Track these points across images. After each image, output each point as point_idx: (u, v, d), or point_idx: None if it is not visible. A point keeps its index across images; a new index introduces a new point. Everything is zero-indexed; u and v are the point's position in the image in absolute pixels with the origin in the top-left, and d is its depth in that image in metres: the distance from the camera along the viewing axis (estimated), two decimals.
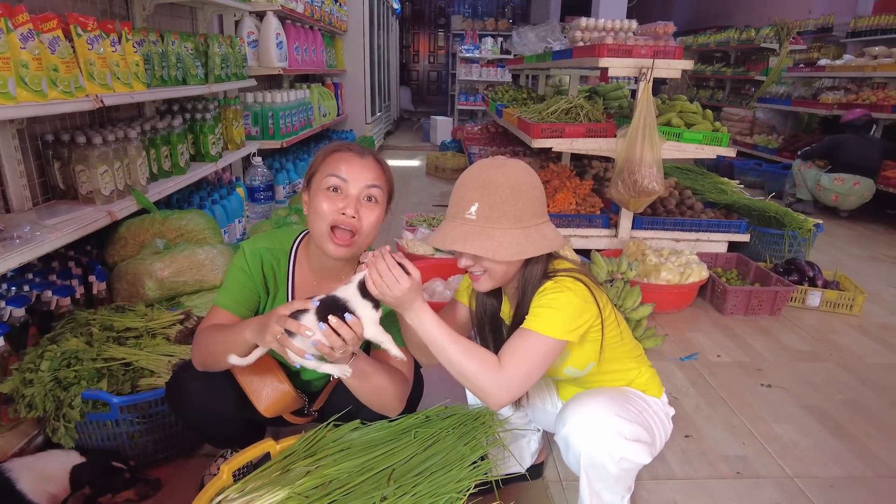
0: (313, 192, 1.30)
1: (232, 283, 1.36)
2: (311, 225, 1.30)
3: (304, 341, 1.11)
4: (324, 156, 1.31)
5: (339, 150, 1.31)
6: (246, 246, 1.38)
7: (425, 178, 6.58)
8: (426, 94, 15.42)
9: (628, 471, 1.30)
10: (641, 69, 3.08)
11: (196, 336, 1.33)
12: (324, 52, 5.57)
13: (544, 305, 1.21)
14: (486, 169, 1.22)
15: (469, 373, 1.17)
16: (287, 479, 1.21)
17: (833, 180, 5.03)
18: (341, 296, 1.15)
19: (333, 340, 1.10)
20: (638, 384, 1.41)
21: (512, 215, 1.18)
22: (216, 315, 1.35)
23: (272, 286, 1.40)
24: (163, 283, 2.13)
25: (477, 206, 1.18)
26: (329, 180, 1.26)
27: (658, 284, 2.96)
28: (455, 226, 1.21)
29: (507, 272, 1.25)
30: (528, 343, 1.19)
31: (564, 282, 1.23)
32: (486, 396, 1.18)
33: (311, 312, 1.12)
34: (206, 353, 1.29)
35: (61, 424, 1.54)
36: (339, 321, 1.10)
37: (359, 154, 1.31)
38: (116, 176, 2.21)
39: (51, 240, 1.74)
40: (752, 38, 8.84)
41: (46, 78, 1.74)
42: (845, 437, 2.05)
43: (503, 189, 1.18)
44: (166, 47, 2.61)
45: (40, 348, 1.65)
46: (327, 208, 1.25)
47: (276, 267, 1.39)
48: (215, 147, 3.13)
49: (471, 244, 1.18)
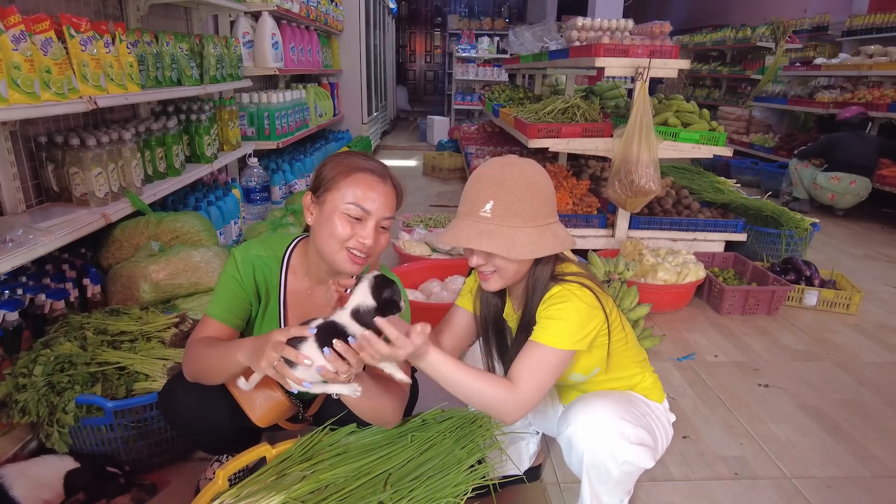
0: (329, 210, 1.22)
1: (223, 291, 1.33)
2: (322, 241, 1.24)
3: (306, 370, 1.08)
4: (344, 173, 1.22)
5: (363, 172, 1.23)
6: (237, 253, 1.34)
7: (422, 178, 6.57)
8: (423, 94, 15.40)
9: (630, 474, 1.30)
10: (638, 69, 3.08)
11: (187, 347, 1.31)
12: (320, 52, 5.55)
13: (552, 317, 1.21)
14: (501, 167, 1.21)
15: (485, 401, 1.18)
16: (283, 484, 1.20)
17: (829, 179, 5.04)
18: (339, 322, 1.11)
19: (339, 366, 1.07)
20: (641, 389, 1.41)
21: (526, 214, 1.18)
22: (207, 325, 1.32)
23: (264, 294, 1.36)
24: (158, 286, 2.12)
25: (492, 204, 1.18)
26: (352, 208, 1.20)
27: (655, 284, 2.95)
28: (469, 224, 1.20)
29: (518, 271, 1.24)
30: (538, 356, 1.20)
31: (572, 288, 1.23)
32: (503, 416, 1.20)
33: (310, 340, 1.08)
34: (197, 368, 1.27)
35: (55, 429, 1.52)
36: (347, 347, 1.07)
37: (381, 179, 1.24)
38: (111, 178, 2.20)
39: (44, 243, 1.73)
40: (749, 37, 8.85)
41: (39, 79, 1.72)
42: (843, 437, 2.05)
43: (519, 187, 1.18)
44: (161, 48, 2.60)
45: (34, 353, 1.64)
46: (344, 234, 1.21)
47: (268, 275, 1.35)
48: (211, 148, 3.12)
49: (487, 242, 1.17)
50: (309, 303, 1.35)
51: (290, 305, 1.36)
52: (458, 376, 1.17)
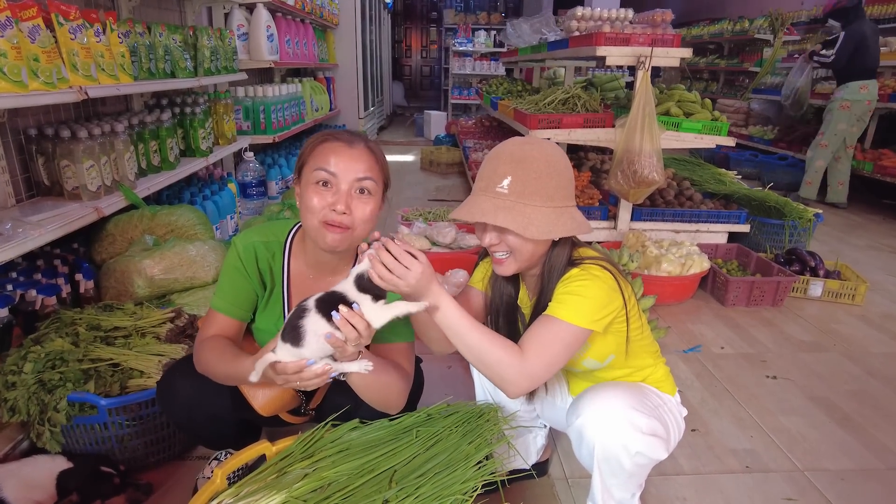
0: (303, 186, 1.22)
1: (226, 283, 1.30)
2: (304, 220, 1.23)
3: (317, 344, 1.06)
4: (312, 146, 1.23)
5: (328, 140, 1.22)
6: (238, 241, 1.30)
7: (420, 172, 6.51)
8: (419, 89, 15.33)
9: (642, 466, 1.25)
10: (640, 58, 3.03)
11: (197, 347, 1.28)
12: (315, 45, 5.49)
13: (571, 293, 1.16)
14: (521, 144, 1.17)
15: (490, 360, 1.12)
16: (284, 483, 1.16)
17: (860, 89, 4.70)
18: (339, 290, 1.09)
19: (348, 331, 1.04)
20: (653, 381, 1.37)
21: (544, 193, 1.13)
22: (214, 320, 1.30)
23: (269, 281, 1.33)
24: (152, 281, 2.06)
25: (510, 180, 1.13)
26: (317, 174, 1.18)
27: (659, 276, 2.91)
28: (485, 199, 1.15)
29: (533, 253, 1.20)
30: (552, 330, 1.15)
31: (592, 269, 1.18)
32: (507, 384, 1.14)
33: (312, 312, 1.06)
34: (209, 373, 1.27)
35: (46, 429, 1.47)
36: (351, 311, 1.04)
37: (348, 143, 1.22)
38: (103, 171, 2.14)
39: (34, 237, 1.68)
40: (746, 30, 8.80)
41: (27, 68, 1.66)
42: (854, 428, 2.01)
43: (539, 164, 1.14)
44: (153, 39, 2.53)
45: (23, 349, 1.59)
46: (317, 204, 1.18)
47: (271, 261, 1.32)
48: (206, 142, 3.06)
49: (503, 217, 1.12)
50: (313, 287, 1.31)
51: (293, 291, 1.33)
52: (468, 330, 1.12)
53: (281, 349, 1.09)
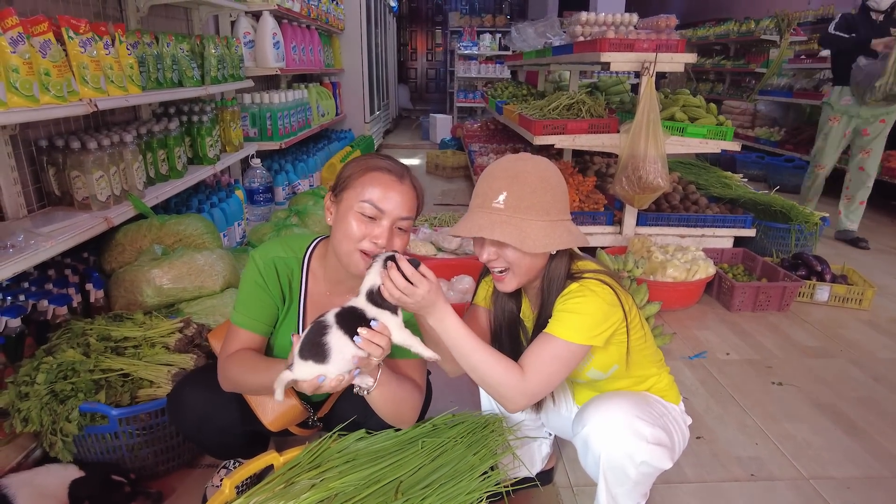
0: (344, 209, 1.22)
1: (247, 298, 1.31)
2: (337, 241, 1.23)
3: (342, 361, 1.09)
4: (361, 171, 1.22)
5: (378, 171, 1.22)
6: (257, 256, 1.31)
7: (425, 176, 6.53)
8: (425, 92, 15.37)
9: (647, 475, 1.26)
10: (644, 63, 3.04)
11: (221, 364, 1.30)
12: (321, 51, 5.52)
13: (568, 310, 1.18)
14: (515, 161, 1.20)
15: (492, 380, 1.16)
16: (291, 493, 1.18)
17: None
18: (356, 306, 1.12)
19: (373, 349, 1.08)
20: (657, 390, 1.38)
21: (540, 207, 1.16)
22: (236, 336, 1.31)
23: (288, 297, 1.35)
24: (161, 290, 2.09)
25: (505, 196, 1.16)
26: (364, 207, 1.19)
27: (664, 282, 2.91)
28: (482, 215, 1.18)
29: (531, 267, 1.21)
30: (550, 348, 1.18)
31: (590, 284, 1.20)
32: (506, 402, 1.18)
33: (334, 329, 1.09)
34: (240, 387, 1.30)
35: (58, 438, 1.50)
36: (372, 331, 1.09)
37: (398, 178, 1.22)
38: (112, 181, 2.17)
39: (45, 248, 1.70)
40: (752, 30, 8.76)
41: (38, 82, 1.69)
42: (860, 435, 2.01)
43: (532, 180, 1.16)
44: (161, 49, 2.57)
45: (36, 360, 1.61)
46: (358, 233, 1.19)
47: (290, 277, 1.34)
48: (213, 149, 3.09)
49: (499, 231, 1.14)
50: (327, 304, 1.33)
51: (309, 309, 1.35)
52: (471, 346, 1.15)
53: (300, 366, 1.10)
